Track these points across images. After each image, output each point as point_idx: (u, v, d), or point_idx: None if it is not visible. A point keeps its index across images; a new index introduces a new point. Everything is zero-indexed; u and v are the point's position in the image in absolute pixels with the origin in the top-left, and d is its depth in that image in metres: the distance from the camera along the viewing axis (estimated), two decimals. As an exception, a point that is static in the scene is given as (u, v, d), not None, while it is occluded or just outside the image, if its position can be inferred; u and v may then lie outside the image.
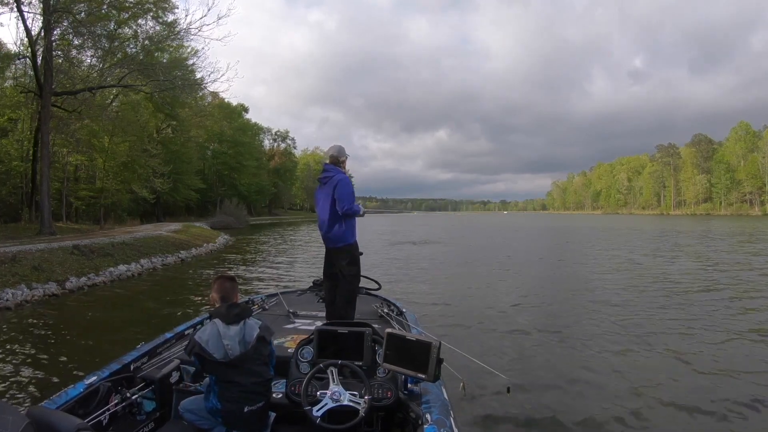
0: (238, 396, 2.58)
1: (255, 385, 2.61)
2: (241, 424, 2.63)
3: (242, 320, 2.66)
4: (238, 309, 2.71)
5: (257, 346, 2.63)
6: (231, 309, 2.71)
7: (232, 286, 2.90)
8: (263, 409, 2.68)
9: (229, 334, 2.58)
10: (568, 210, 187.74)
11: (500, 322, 8.00)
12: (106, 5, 19.70)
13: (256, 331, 2.65)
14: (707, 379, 5.26)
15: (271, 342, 2.78)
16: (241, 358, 2.57)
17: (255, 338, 2.62)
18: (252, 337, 2.62)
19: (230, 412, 2.59)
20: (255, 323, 2.70)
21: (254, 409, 2.61)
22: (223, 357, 2.54)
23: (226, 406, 2.58)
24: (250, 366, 2.60)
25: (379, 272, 12.37)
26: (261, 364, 2.67)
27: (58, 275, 11.31)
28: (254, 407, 2.61)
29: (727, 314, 8.42)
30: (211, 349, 2.54)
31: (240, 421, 2.61)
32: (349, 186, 4.20)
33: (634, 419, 4.30)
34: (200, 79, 24.17)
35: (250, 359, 2.61)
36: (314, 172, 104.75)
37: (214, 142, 61.76)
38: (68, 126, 23.19)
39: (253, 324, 2.69)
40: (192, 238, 23.92)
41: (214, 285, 2.90)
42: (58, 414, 1.76)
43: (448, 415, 2.44)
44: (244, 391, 2.58)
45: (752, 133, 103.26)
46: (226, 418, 2.62)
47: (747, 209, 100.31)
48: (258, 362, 2.65)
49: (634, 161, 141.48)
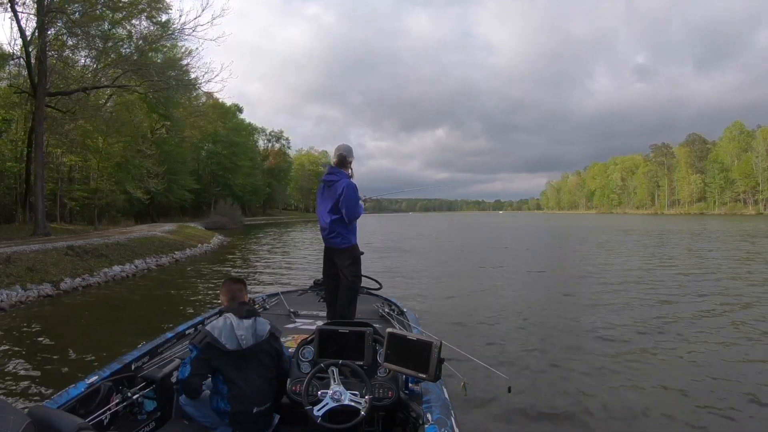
0: (248, 395, 2.60)
1: (265, 381, 2.66)
2: (249, 425, 2.64)
3: (253, 317, 2.75)
4: (249, 306, 2.83)
5: (269, 340, 2.74)
6: (242, 306, 2.81)
7: (240, 288, 3.02)
8: (270, 409, 2.72)
9: (243, 326, 2.66)
10: (563, 210, 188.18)
11: (501, 322, 8.02)
12: (101, 5, 19.64)
13: (268, 327, 2.76)
14: (707, 380, 5.27)
15: (280, 341, 2.86)
16: (254, 349, 2.64)
17: (267, 332, 2.74)
18: (264, 331, 2.73)
19: (239, 413, 2.60)
20: (265, 321, 2.80)
21: (262, 410, 2.64)
22: (236, 347, 2.60)
23: (235, 407, 2.59)
24: (262, 359, 2.68)
25: (380, 272, 12.32)
26: (272, 358, 2.75)
27: (53, 276, 11.25)
28: (263, 408, 2.64)
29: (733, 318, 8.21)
30: (224, 340, 2.59)
31: (248, 422, 2.63)
32: (355, 192, 4.17)
33: (635, 419, 4.33)
34: (194, 80, 24.17)
35: (263, 352, 2.70)
36: (309, 173, 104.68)
37: (208, 143, 61.63)
38: (62, 126, 23.02)
39: (263, 321, 2.79)
40: (186, 238, 23.86)
41: (222, 288, 3.03)
42: (59, 413, 1.75)
43: (449, 414, 2.44)
44: (253, 389, 2.61)
45: (746, 133, 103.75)
46: (235, 419, 2.62)
47: (741, 208, 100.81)
48: (269, 356, 2.73)
49: (628, 161, 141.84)
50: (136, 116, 33.71)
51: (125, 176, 33.60)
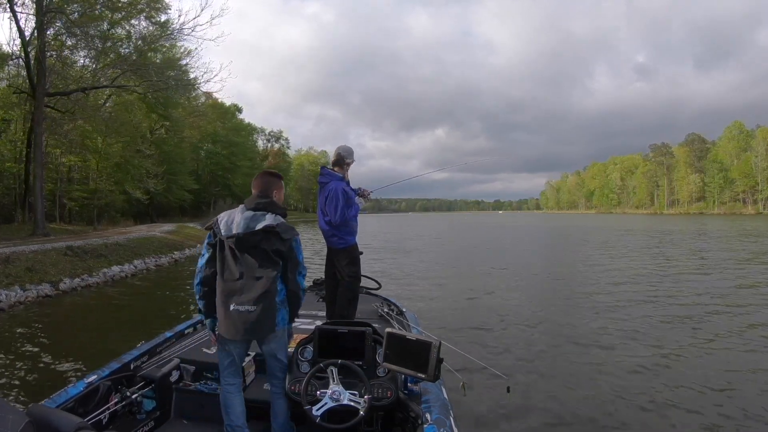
0: (230, 288, 2.52)
1: (251, 279, 2.51)
2: (229, 326, 2.53)
3: (262, 210, 2.60)
4: (266, 200, 2.65)
5: (262, 235, 2.52)
6: (259, 198, 2.66)
7: (270, 181, 2.77)
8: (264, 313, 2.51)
9: (242, 215, 2.58)
10: (562, 210, 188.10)
11: (500, 322, 8.01)
12: (100, 6, 19.61)
13: (264, 222, 2.54)
14: (708, 380, 5.26)
15: (293, 244, 2.62)
16: (240, 239, 2.51)
17: (261, 227, 2.53)
18: (257, 224, 2.54)
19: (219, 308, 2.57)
20: (273, 218, 2.58)
21: (242, 311, 2.49)
22: (226, 232, 2.54)
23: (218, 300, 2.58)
24: (255, 255, 2.53)
25: (379, 272, 12.33)
26: (270, 259, 2.55)
27: (52, 276, 11.24)
28: (242, 308, 2.49)
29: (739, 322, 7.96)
30: (222, 226, 2.57)
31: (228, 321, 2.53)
32: (338, 199, 4.04)
33: (635, 419, 4.32)
34: (193, 80, 24.13)
35: (251, 246, 2.52)
36: (308, 173, 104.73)
37: (207, 143, 61.44)
38: (61, 127, 23.01)
39: (270, 217, 2.58)
40: (186, 238, 23.85)
41: (254, 181, 2.79)
42: (58, 413, 1.74)
43: (447, 414, 2.44)
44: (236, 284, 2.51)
45: (746, 133, 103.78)
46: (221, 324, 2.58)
47: (740, 208, 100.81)
48: (260, 255, 2.53)
49: (628, 161, 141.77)
50: (135, 116, 33.61)
51: (124, 176, 33.52)
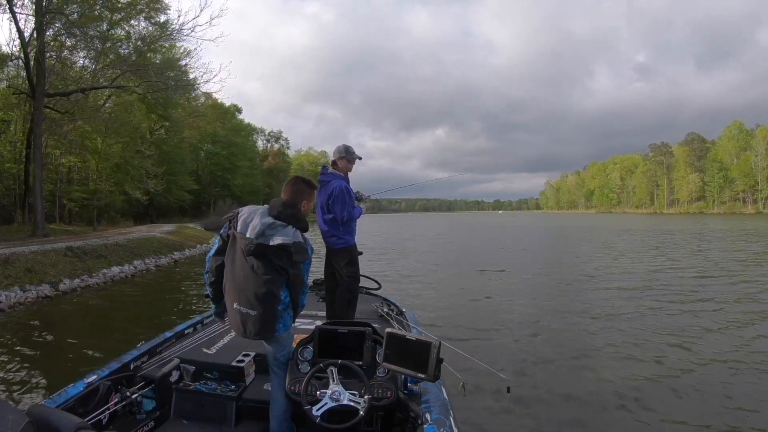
0: (233, 287, 2.51)
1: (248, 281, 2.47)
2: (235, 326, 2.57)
3: (284, 221, 2.49)
4: (291, 211, 2.54)
5: (273, 249, 2.42)
6: (286, 205, 2.56)
7: (300, 191, 2.65)
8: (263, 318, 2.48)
9: (261, 220, 2.46)
10: (562, 210, 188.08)
11: (500, 322, 8.01)
12: (99, 6, 19.62)
13: (280, 238, 2.42)
14: (709, 380, 5.26)
15: (302, 267, 2.53)
16: (251, 244, 2.41)
17: (276, 244, 2.41)
18: (273, 235, 2.43)
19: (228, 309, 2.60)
20: (292, 234, 2.46)
21: (243, 312, 2.49)
22: (241, 230, 2.47)
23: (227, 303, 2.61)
24: (261, 264, 2.44)
25: (379, 272, 12.33)
26: (271, 268, 2.45)
27: (52, 277, 11.24)
28: (243, 309, 2.48)
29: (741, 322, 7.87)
30: (240, 222, 2.49)
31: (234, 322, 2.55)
32: (344, 195, 4.10)
33: (635, 419, 4.33)
34: (193, 80, 24.17)
35: (260, 254, 2.42)
36: (308, 173, 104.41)
37: (207, 143, 61.42)
38: (61, 127, 22.97)
39: (288, 231, 2.46)
40: (185, 239, 23.87)
41: (285, 186, 2.68)
42: (58, 413, 1.75)
43: (447, 414, 2.44)
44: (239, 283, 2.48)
45: (745, 132, 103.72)
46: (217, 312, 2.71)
47: (740, 208, 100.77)
48: (268, 264, 2.44)
49: (627, 160, 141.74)
50: (134, 117, 33.60)
51: (124, 177, 33.50)
